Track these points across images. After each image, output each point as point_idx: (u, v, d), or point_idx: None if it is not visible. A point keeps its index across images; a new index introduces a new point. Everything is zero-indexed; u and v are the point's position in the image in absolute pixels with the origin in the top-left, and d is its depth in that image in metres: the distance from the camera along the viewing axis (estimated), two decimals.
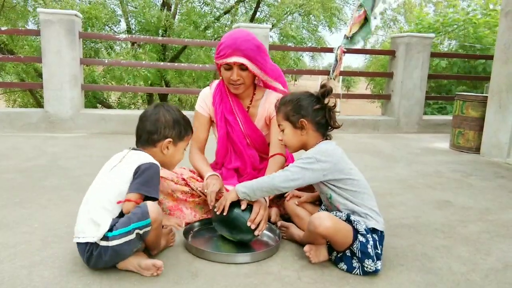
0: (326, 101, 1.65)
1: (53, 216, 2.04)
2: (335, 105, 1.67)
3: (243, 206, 1.67)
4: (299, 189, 1.93)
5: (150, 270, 1.47)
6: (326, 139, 1.69)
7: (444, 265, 1.67)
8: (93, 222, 1.42)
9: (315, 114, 1.64)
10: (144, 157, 1.54)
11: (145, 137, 1.61)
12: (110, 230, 1.41)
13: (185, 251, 1.70)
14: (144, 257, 1.52)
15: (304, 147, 1.70)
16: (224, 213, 1.65)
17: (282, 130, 1.71)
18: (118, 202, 1.46)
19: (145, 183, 1.47)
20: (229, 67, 1.90)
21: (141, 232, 1.43)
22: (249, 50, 1.86)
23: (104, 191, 1.49)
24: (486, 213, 2.36)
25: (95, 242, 1.41)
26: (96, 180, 1.55)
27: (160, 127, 1.60)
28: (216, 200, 1.77)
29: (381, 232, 1.59)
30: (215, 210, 1.70)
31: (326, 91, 1.64)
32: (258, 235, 1.69)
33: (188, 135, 1.70)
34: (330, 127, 1.69)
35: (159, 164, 1.56)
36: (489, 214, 2.34)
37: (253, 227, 1.64)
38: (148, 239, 1.50)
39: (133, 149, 1.61)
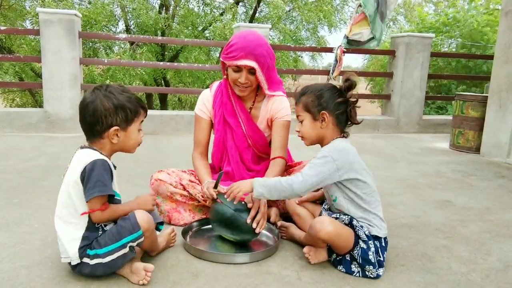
0: (348, 95, 1.58)
1: (52, 216, 2.01)
2: (357, 100, 1.59)
3: (250, 206, 1.66)
4: None
5: (140, 275, 1.41)
6: (343, 135, 1.63)
7: (444, 265, 1.67)
8: (65, 241, 1.38)
9: (336, 108, 1.56)
10: (85, 157, 1.39)
11: (89, 130, 1.44)
12: (89, 244, 1.38)
13: (185, 251, 1.70)
14: (135, 260, 1.47)
15: (321, 141, 1.63)
16: (235, 202, 1.63)
17: (301, 121, 1.63)
18: (82, 214, 1.38)
19: (95, 184, 1.34)
20: (238, 69, 1.86)
21: (134, 244, 1.40)
22: (261, 55, 1.82)
23: (61, 204, 1.41)
24: (487, 213, 2.36)
25: (81, 262, 1.38)
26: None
27: (100, 117, 1.39)
28: (216, 199, 1.74)
29: (384, 238, 1.57)
30: (225, 197, 1.66)
31: (350, 85, 1.57)
32: (258, 234, 1.68)
33: (139, 115, 1.48)
34: (349, 123, 1.62)
35: (103, 158, 1.40)
36: (490, 214, 2.34)
37: (254, 225, 1.64)
38: (143, 246, 1.48)
39: (81, 147, 1.47)
